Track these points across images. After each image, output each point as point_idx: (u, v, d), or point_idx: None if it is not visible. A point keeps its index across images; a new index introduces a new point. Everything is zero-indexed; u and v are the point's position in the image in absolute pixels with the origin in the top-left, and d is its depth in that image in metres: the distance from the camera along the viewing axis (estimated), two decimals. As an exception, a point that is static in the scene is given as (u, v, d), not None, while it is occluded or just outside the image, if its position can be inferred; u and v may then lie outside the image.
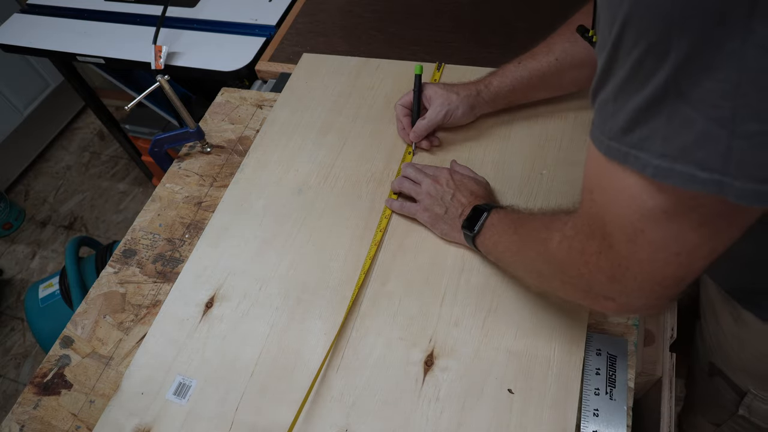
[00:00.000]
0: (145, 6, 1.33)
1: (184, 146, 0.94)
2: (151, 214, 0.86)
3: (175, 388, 0.66)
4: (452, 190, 0.71)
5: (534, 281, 0.60)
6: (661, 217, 0.35)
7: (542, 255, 0.51)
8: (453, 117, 0.79)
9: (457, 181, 0.72)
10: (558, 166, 0.77)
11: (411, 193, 0.75)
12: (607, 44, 0.35)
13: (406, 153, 0.83)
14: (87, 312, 0.76)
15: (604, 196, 0.39)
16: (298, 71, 1.00)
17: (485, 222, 0.64)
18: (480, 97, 0.78)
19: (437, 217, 0.71)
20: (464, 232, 0.67)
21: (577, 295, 0.48)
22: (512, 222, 0.60)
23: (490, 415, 0.59)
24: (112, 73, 1.58)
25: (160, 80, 0.82)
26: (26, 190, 2.27)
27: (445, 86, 0.80)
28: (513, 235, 0.59)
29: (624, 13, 0.32)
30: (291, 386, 0.64)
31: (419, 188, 0.74)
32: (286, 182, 0.84)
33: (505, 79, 0.77)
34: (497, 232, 0.63)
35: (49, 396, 0.70)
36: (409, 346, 0.65)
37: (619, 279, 0.41)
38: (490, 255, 0.65)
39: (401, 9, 1.12)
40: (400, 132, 0.85)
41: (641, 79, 0.32)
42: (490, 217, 0.64)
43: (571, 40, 0.73)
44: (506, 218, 0.62)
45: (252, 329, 0.69)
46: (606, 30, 0.35)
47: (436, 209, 0.71)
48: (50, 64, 1.60)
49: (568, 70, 0.74)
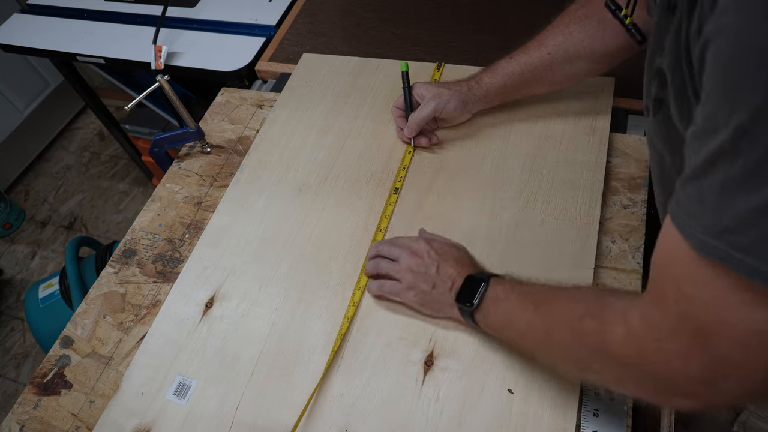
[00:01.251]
0: (145, 6, 1.33)
1: (184, 146, 0.94)
2: (151, 214, 0.86)
3: (175, 388, 0.66)
4: (436, 262, 0.63)
5: (573, 371, 0.54)
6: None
7: (589, 347, 0.45)
8: (445, 111, 0.78)
9: (438, 251, 0.64)
10: (558, 166, 0.77)
11: (390, 273, 0.66)
12: (720, 128, 0.32)
13: (405, 152, 0.83)
14: (87, 312, 0.76)
15: (699, 293, 0.36)
16: (298, 71, 1.00)
17: (485, 294, 0.58)
18: (471, 92, 0.78)
19: (425, 295, 0.63)
20: (460, 306, 0.60)
21: (643, 393, 0.43)
22: (525, 297, 0.54)
23: (490, 415, 0.59)
24: (112, 73, 1.58)
25: (160, 80, 0.82)
26: (26, 190, 2.27)
27: (436, 83, 0.80)
28: (533, 314, 0.53)
29: (757, 103, 0.29)
30: (291, 386, 0.64)
31: (397, 266, 0.66)
32: (286, 182, 0.84)
33: (496, 74, 0.77)
34: (506, 308, 0.56)
35: (49, 396, 0.70)
36: (409, 346, 0.65)
37: (713, 382, 0.37)
38: (498, 334, 0.59)
39: (401, 9, 1.12)
40: (398, 134, 0.84)
41: (760, 182, 0.30)
42: (491, 289, 0.58)
43: (565, 33, 0.71)
44: (514, 292, 0.56)
45: (252, 329, 0.69)
46: (720, 110, 0.32)
47: (422, 286, 0.63)
48: (50, 64, 1.61)
49: (561, 64, 0.73)
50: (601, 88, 0.83)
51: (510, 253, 0.70)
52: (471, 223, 0.74)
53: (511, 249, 0.71)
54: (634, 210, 0.74)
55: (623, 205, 0.74)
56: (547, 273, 0.67)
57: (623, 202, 0.75)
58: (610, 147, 0.79)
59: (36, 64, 2.19)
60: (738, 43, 0.31)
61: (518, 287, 0.57)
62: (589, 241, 0.69)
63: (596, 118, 0.81)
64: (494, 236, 0.72)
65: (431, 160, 0.82)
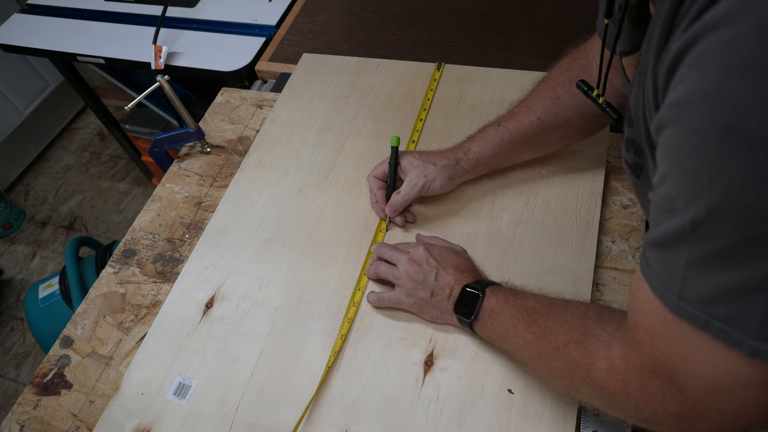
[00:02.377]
0: (145, 6, 1.33)
1: (184, 146, 0.94)
2: (151, 214, 0.86)
3: (175, 388, 0.66)
4: (434, 270, 0.64)
5: (566, 391, 0.56)
6: (758, 384, 0.34)
7: (577, 375, 0.47)
8: (431, 190, 0.72)
9: (437, 257, 0.65)
10: (558, 167, 0.77)
11: (389, 278, 0.67)
12: (677, 212, 0.33)
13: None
14: (87, 312, 0.76)
15: (673, 347, 0.38)
16: (298, 71, 1.00)
17: (482, 306, 0.59)
18: (459, 166, 0.72)
19: (424, 302, 0.64)
20: (458, 317, 0.61)
21: (632, 420, 0.45)
22: (517, 313, 0.56)
23: (490, 415, 0.59)
24: (112, 73, 1.58)
25: (160, 80, 0.82)
26: (26, 190, 2.27)
27: (421, 155, 0.74)
28: (525, 332, 0.54)
29: (713, 201, 0.31)
30: (291, 386, 0.64)
31: (397, 271, 0.66)
32: (286, 182, 0.84)
33: (485, 144, 0.72)
34: (501, 323, 0.57)
35: (49, 396, 0.70)
36: (409, 346, 0.65)
37: (689, 418, 0.38)
38: (496, 345, 0.60)
39: (401, 9, 1.12)
40: (373, 205, 0.77)
41: (730, 264, 0.32)
42: (487, 301, 0.59)
43: (552, 98, 0.68)
44: (507, 304, 0.57)
45: (252, 329, 0.69)
46: (677, 195, 0.33)
47: (420, 293, 0.64)
48: (50, 64, 1.60)
49: (552, 129, 0.70)
50: (601, 88, 0.83)
51: (510, 254, 0.70)
52: (471, 223, 0.74)
53: (511, 249, 0.71)
54: (634, 210, 0.74)
55: (623, 205, 0.74)
56: (548, 273, 0.67)
57: (623, 202, 0.75)
58: (609, 147, 0.79)
59: (36, 64, 2.19)
60: (691, 138, 0.32)
61: (512, 300, 0.57)
62: (589, 241, 0.69)
63: (596, 118, 0.81)
64: (494, 236, 0.72)
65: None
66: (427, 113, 0.88)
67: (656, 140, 0.37)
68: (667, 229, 0.35)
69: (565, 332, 0.49)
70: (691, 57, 0.31)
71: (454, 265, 0.64)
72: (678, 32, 0.33)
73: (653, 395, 0.40)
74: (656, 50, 0.37)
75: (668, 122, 0.34)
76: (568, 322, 0.50)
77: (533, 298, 0.57)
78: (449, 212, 0.75)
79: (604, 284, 0.67)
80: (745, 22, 0.28)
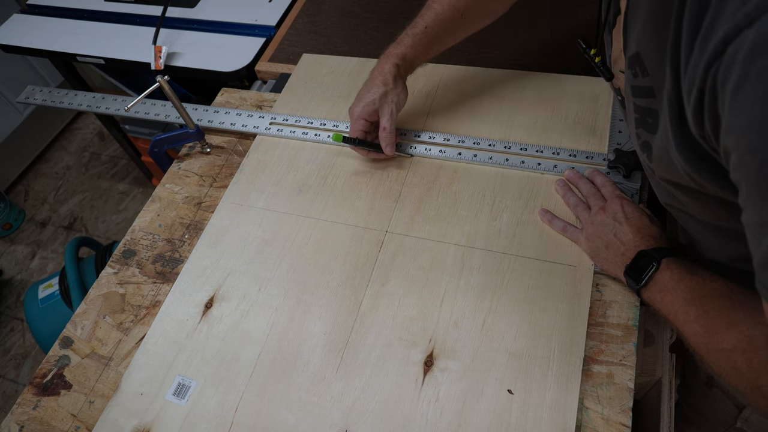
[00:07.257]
0: (145, 6, 1.33)
1: (184, 146, 0.94)
2: (150, 214, 0.86)
3: (175, 388, 0.66)
4: (616, 224, 0.64)
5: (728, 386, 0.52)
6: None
7: (743, 383, 0.46)
8: (400, 103, 0.77)
9: (627, 213, 0.65)
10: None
11: (576, 213, 0.71)
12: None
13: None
14: (87, 312, 0.76)
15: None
16: (298, 71, 1.00)
17: (654, 278, 0.57)
18: (403, 69, 0.77)
19: (598, 251, 0.66)
20: (627, 280, 0.61)
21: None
22: (691, 297, 0.53)
23: (490, 415, 0.59)
24: (112, 73, 1.58)
25: (160, 80, 0.82)
26: (26, 191, 2.27)
27: (371, 89, 0.76)
28: (694, 323, 0.51)
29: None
30: (291, 387, 0.64)
31: (586, 214, 0.69)
32: (286, 182, 0.84)
33: (416, 37, 0.76)
34: (671, 303, 0.55)
35: (49, 397, 0.70)
36: (409, 346, 0.65)
37: None
38: (663, 317, 0.58)
39: (401, 9, 1.12)
40: (366, 155, 0.82)
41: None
42: (660, 274, 0.57)
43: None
44: (681, 284, 0.54)
45: (252, 329, 0.69)
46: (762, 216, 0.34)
47: (597, 242, 0.66)
48: (50, 64, 1.60)
49: None
50: (601, 88, 0.83)
51: (510, 254, 0.70)
52: (471, 223, 0.74)
53: (511, 249, 0.71)
54: (634, 210, 0.73)
55: (623, 205, 0.74)
56: (547, 274, 0.67)
57: (623, 202, 0.74)
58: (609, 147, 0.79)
59: (36, 64, 2.19)
60: None
61: (687, 279, 0.54)
62: (589, 242, 0.69)
63: (596, 118, 0.81)
64: (494, 236, 0.72)
65: (431, 161, 0.82)
66: (427, 113, 0.88)
67: None
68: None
69: (731, 337, 0.47)
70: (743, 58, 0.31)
71: (638, 226, 0.63)
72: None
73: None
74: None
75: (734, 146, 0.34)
76: (737, 326, 0.47)
77: (710, 283, 0.53)
78: (449, 212, 0.75)
79: (604, 284, 0.67)
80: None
